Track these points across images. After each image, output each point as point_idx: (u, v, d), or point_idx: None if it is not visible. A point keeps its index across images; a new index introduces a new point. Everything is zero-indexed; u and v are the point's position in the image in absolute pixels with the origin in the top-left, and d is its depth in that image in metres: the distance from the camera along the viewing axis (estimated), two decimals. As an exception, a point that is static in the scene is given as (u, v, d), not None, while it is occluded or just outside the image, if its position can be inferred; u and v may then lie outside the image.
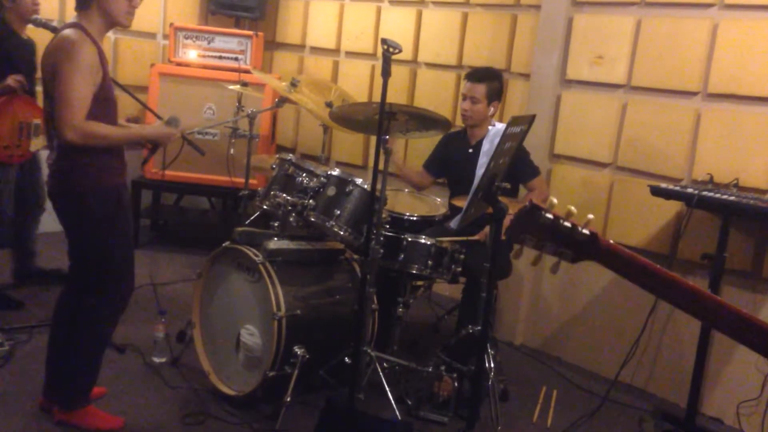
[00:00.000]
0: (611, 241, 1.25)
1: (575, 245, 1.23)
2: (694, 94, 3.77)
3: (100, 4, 2.72)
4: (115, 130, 2.78)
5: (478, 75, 3.83)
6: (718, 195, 3.27)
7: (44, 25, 3.66)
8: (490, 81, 3.79)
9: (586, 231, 1.23)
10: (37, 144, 4.01)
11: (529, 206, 1.25)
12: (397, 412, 3.19)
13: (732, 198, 3.22)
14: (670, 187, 3.46)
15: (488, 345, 3.22)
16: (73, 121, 2.61)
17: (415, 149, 5.05)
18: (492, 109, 3.82)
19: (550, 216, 1.23)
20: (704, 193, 3.28)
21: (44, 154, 4.23)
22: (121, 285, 2.94)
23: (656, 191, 3.47)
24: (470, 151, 3.87)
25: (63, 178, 2.79)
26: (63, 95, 2.62)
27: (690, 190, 3.34)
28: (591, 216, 1.27)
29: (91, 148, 2.69)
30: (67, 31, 2.70)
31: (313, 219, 3.33)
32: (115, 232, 2.85)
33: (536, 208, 1.24)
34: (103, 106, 2.73)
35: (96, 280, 2.90)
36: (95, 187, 2.77)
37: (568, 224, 1.23)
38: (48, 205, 3.24)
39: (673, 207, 3.76)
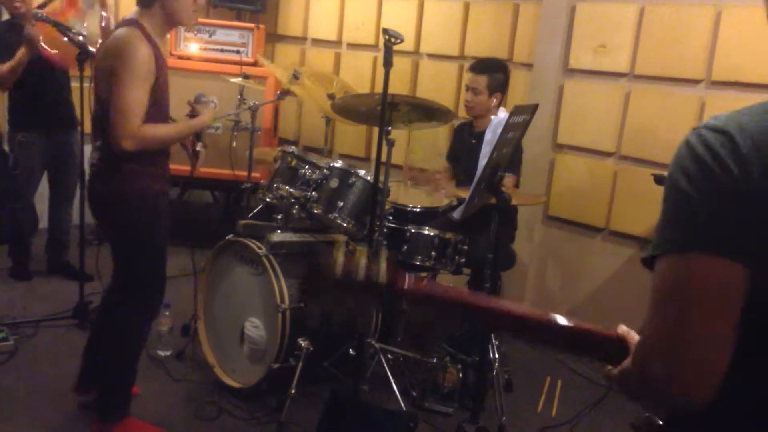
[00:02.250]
0: (423, 283, 1.19)
1: (376, 296, 1.15)
2: (698, 82, 3.75)
3: (164, 2, 2.60)
4: (167, 129, 2.72)
5: (480, 66, 3.82)
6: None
7: (44, 19, 3.66)
8: (492, 72, 3.78)
9: (381, 281, 1.13)
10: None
11: (314, 265, 1.15)
12: (402, 404, 3.19)
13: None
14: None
15: (492, 335, 3.22)
16: (130, 131, 2.52)
17: (418, 141, 5.04)
18: (495, 100, 3.80)
19: (339, 272, 1.13)
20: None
21: (77, 149, 4.32)
22: (154, 292, 2.88)
23: (660, 180, 3.45)
24: (474, 141, 3.86)
25: (105, 180, 2.71)
26: (119, 103, 2.52)
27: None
28: (384, 265, 1.15)
29: (143, 154, 2.61)
30: (123, 31, 2.57)
31: (316, 211, 3.33)
32: (152, 238, 2.78)
33: (322, 268, 1.14)
34: (155, 108, 2.63)
35: (131, 285, 2.83)
36: (136, 192, 2.68)
37: (361, 277, 1.14)
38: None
39: (677, 196, 3.74)
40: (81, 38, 3.60)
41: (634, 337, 1.19)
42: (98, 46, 2.79)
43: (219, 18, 5.83)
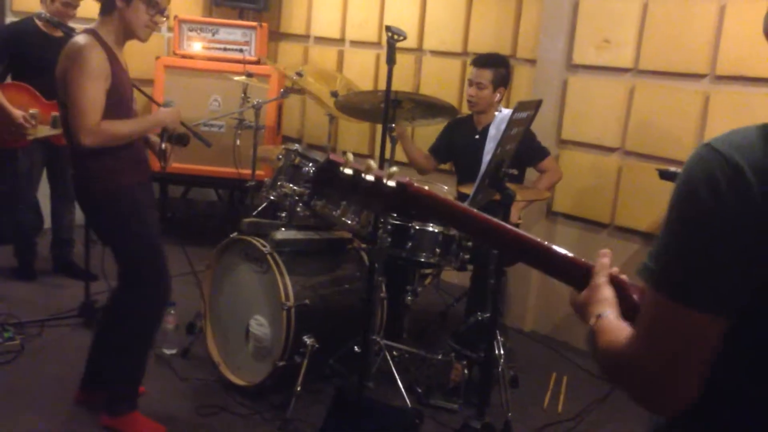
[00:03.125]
0: (425, 188, 1.24)
1: (382, 197, 1.20)
2: (703, 76, 3.74)
3: (121, 12, 2.71)
4: (128, 124, 2.77)
5: (483, 60, 3.81)
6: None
7: (58, 25, 3.68)
8: (496, 67, 3.77)
9: (391, 183, 1.19)
10: (35, 133, 4.00)
11: (326, 162, 1.21)
12: (408, 400, 3.19)
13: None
14: (679, 170, 3.43)
15: (498, 332, 3.21)
16: (87, 126, 2.62)
17: (422, 137, 5.03)
18: (498, 95, 3.80)
19: (349, 171, 1.19)
20: (713, 176, 3.25)
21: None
22: (152, 283, 2.90)
23: (665, 175, 3.45)
24: (477, 137, 3.85)
25: (78, 182, 2.84)
26: (74, 101, 2.63)
27: (699, 174, 3.31)
28: (395, 168, 1.22)
29: (100, 151, 2.69)
30: (78, 38, 2.71)
31: (320, 209, 3.32)
32: (131, 232, 2.83)
33: (333, 164, 1.19)
34: (115, 108, 2.72)
35: (131, 279, 2.89)
36: (105, 189, 2.78)
37: (370, 178, 1.19)
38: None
39: (682, 191, 3.73)
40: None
41: (603, 270, 1.31)
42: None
43: (222, 17, 5.83)
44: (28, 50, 4.03)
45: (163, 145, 2.94)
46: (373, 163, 1.22)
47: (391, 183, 1.19)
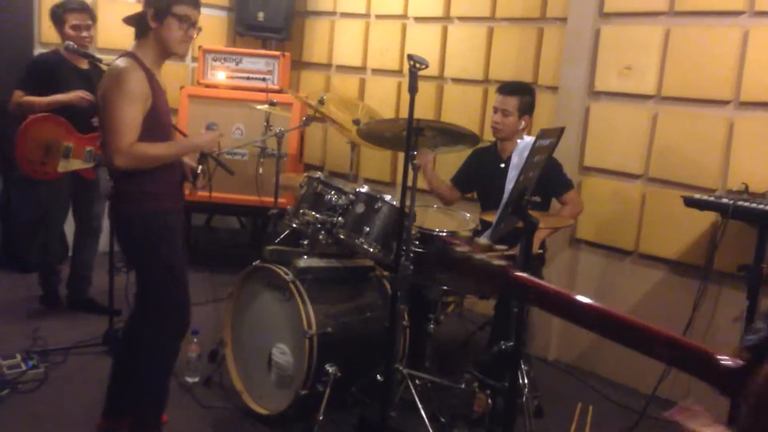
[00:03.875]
0: (523, 275, 1.19)
1: (490, 279, 1.18)
2: (727, 102, 3.71)
3: (156, 32, 2.75)
4: (162, 147, 2.77)
5: (510, 88, 3.83)
6: (753, 204, 3.20)
7: (84, 55, 3.75)
8: (522, 95, 3.79)
9: (499, 263, 1.16)
10: (67, 166, 4.06)
11: (441, 242, 1.20)
12: (431, 430, 3.15)
13: (768, 207, 3.16)
14: (704, 197, 3.40)
15: (521, 361, 3.18)
16: (121, 147, 2.63)
17: (444, 165, 5.03)
18: (523, 122, 3.80)
19: (463, 249, 1.17)
20: (739, 203, 3.22)
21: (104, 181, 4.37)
22: (175, 313, 2.91)
23: (690, 202, 3.41)
24: (502, 165, 3.84)
25: (114, 205, 2.87)
26: (111, 122, 2.65)
27: (725, 201, 3.28)
28: (503, 246, 1.21)
29: (140, 173, 2.71)
30: (118, 61, 2.74)
31: (342, 236, 3.33)
32: (160, 258, 2.83)
33: (446, 243, 1.19)
34: (156, 132, 2.74)
35: (150, 306, 2.90)
36: (139, 213, 2.79)
37: (481, 256, 1.17)
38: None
39: (708, 218, 3.70)
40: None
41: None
42: None
43: (245, 46, 5.91)
44: (56, 83, 4.09)
45: (199, 169, 2.97)
46: (484, 241, 1.20)
47: (499, 263, 1.17)
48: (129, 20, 2.81)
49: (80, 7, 4.13)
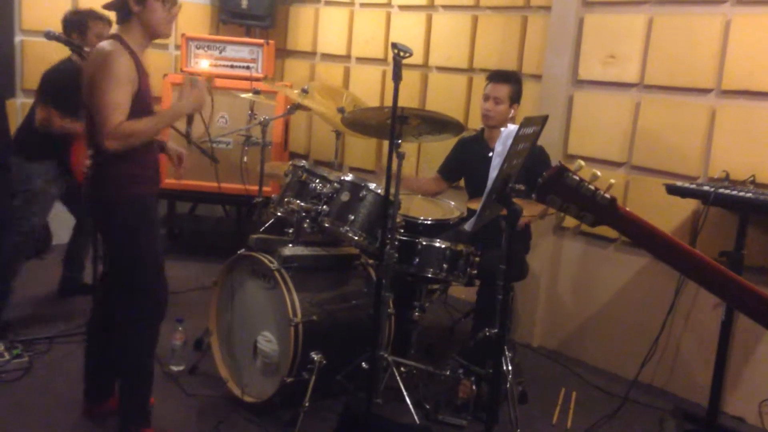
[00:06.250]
0: (628, 209, 1.30)
1: (596, 209, 1.29)
2: (708, 91, 3.74)
3: (140, 16, 2.72)
4: (150, 120, 2.74)
5: (501, 76, 3.85)
6: (734, 192, 3.24)
7: (57, 38, 3.69)
8: (513, 83, 3.81)
9: (607, 195, 1.28)
10: None
11: (559, 166, 1.32)
12: (416, 417, 3.18)
13: (749, 195, 3.19)
14: (686, 185, 3.44)
15: (505, 347, 3.21)
16: (110, 128, 2.60)
17: (428, 153, 5.05)
18: (512, 111, 3.82)
19: (576, 177, 1.29)
20: (721, 190, 3.25)
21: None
22: (152, 295, 2.89)
23: (672, 190, 3.44)
24: (490, 155, 3.85)
25: (94, 187, 2.80)
26: (100, 105, 2.62)
27: (706, 188, 3.31)
28: (613, 181, 1.32)
29: (126, 155, 2.68)
30: (103, 44, 2.71)
31: (327, 225, 3.33)
32: (139, 242, 2.82)
33: (564, 169, 1.29)
34: (139, 113, 2.71)
35: (127, 288, 2.87)
36: (122, 197, 2.77)
37: (591, 187, 1.28)
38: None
39: (690, 205, 3.74)
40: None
41: None
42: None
43: (229, 34, 5.87)
44: (74, 91, 4.00)
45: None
46: (598, 173, 1.35)
47: (606, 195, 1.25)
48: (110, 6, 2.78)
49: (101, 16, 4.04)
